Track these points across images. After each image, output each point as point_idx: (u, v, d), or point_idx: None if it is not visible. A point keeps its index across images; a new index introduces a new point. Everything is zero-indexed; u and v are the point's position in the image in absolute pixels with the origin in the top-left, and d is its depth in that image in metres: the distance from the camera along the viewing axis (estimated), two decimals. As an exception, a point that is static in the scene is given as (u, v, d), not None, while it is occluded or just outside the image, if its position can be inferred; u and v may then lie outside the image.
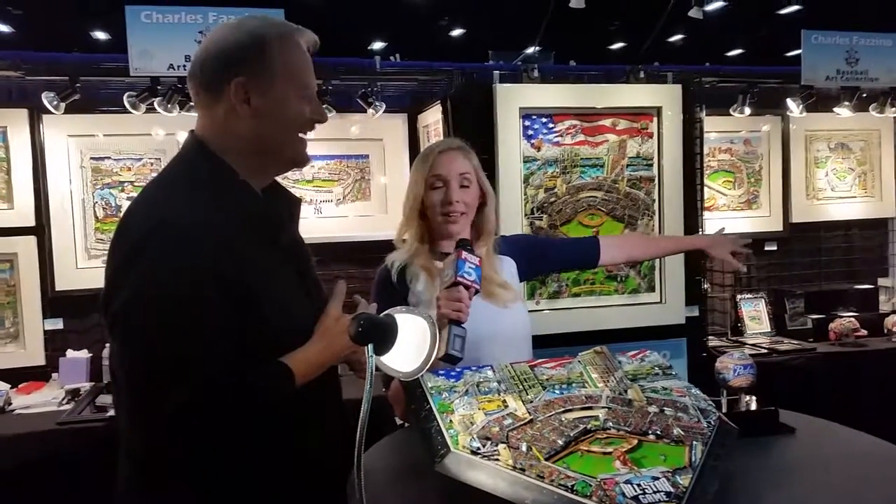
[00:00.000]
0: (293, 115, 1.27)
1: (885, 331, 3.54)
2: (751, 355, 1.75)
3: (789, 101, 3.52)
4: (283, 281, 1.27)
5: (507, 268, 1.87)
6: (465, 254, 1.54)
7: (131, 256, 1.13)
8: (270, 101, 1.24)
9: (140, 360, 1.11)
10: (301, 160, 1.34)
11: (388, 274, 1.82)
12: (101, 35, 11.34)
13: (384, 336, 1.00)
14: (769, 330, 3.66)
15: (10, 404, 2.70)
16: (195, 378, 1.10)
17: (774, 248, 3.91)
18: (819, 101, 3.62)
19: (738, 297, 3.71)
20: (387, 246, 3.22)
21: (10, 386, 2.83)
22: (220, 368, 1.13)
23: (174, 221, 1.15)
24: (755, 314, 3.70)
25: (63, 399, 2.75)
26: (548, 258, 1.99)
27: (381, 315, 1.04)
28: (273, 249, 1.28)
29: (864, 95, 3.56)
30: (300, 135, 1.31)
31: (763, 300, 3.72)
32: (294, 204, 1.39)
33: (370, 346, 0.97)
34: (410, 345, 1.03)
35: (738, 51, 14.00)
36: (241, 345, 1.16)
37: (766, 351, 3.33)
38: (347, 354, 1.30)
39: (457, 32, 13.55)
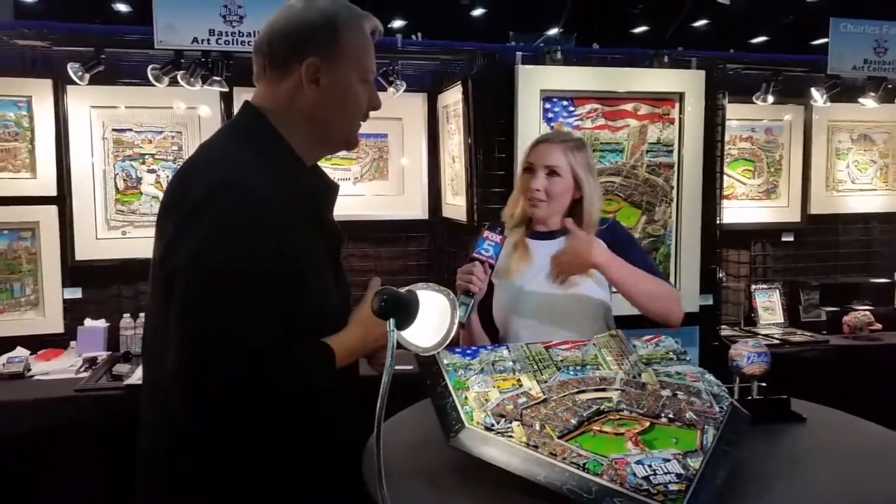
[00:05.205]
0: (355, 99, 1.29)
1: (901, 325, 3.51)
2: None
3: (814, 91, 3.47)
4: (321, 261, 1.28)
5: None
6: (486, 232, 1.74)
7: (195, 214, 1.12)
8: (336, 83, 1.26)
9: (196, 322, 1.10)
10: (353, 143, 1.37)
11: None
12: (122, 7, 11.37)
13: (406, 311, 1.02)
14: (782, 321, 3.64)
15: (29, 370, 2.75)
16: (246, 346, 1.10)
17: (791, 239, 3.87)
18: (843, 92, 3.58)
19: (753, 287, 3.68)
20: (402, 226, 3.26)
21: (29, 352, 2.88)
22: (271, 340, 1.13)
23: (238, 183, 1.14)
24: (769, 305, 3.68)
25: (81, 367, 2.79)
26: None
27: (403, 290, 1.05)
28: (316, 229, 1.29)
29: (890, 86, 3.51)
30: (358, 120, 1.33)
31: (778, 291, 3.70)
32: (332, 188, 1.39)
33: (392, 321, 0.98)
34: (431, 321, 1.05)
35: (763, 38, 13.80)
36: (287, 319, 1.16)
37: (778, 342, 3.32)
38: (372, 349, 1.31)
39: (478, 13, 13.44)
